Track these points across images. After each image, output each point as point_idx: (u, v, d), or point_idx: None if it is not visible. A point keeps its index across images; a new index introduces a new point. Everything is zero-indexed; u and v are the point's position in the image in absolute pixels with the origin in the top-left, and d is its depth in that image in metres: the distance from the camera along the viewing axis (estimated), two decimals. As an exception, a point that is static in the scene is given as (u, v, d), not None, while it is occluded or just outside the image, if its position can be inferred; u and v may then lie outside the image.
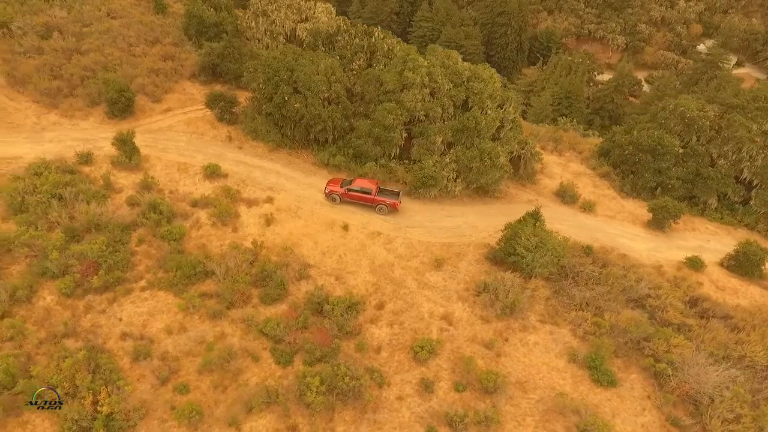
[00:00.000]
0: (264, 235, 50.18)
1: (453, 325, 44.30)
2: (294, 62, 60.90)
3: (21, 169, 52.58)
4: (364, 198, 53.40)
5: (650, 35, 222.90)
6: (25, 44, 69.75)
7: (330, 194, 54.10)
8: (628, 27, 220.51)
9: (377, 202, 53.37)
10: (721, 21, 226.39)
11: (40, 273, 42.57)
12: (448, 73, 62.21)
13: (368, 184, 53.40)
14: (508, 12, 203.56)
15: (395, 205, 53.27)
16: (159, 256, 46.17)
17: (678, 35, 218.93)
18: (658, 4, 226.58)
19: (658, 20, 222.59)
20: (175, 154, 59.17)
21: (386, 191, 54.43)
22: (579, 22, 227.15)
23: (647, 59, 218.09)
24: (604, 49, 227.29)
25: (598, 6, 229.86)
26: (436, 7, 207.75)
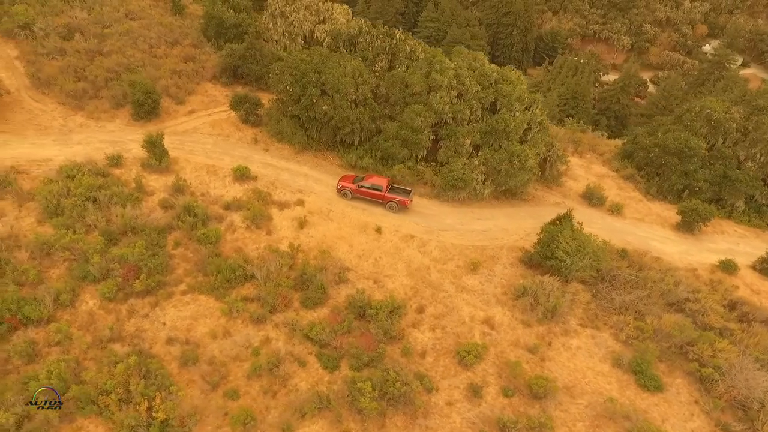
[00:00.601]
0: (298, 238, 49.86)
1: (495, 329, 44.05)
2: (321, 64, 60.64)
3: (52, 172, 52.27)
4: (374, 195, 53.98)
5: (655, 36, 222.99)
6: (48, 46, 69.44)
7: (342, 190, 54.68)
8: (634, 27, 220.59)
9: (387, 199, 53.83)
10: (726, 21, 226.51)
11: (82, 277, 42.36)
12: (476, 75, 61.85)
13: (379, 181, 53.86)
14: (513, 12, 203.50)
15: (405, 202, 53.52)
16: (196, 259, 45.78)
17: (683, 36, 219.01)
18: (663, 4, 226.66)
19: (663, 21, 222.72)
20: (203, 157, 58.85)
21: (397, 189, 54.90)
22: (584, 22, 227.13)
23: (652, 60, 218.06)
24: (609, 49, 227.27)
25: (603, 6, 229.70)
26: (442, 8, 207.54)
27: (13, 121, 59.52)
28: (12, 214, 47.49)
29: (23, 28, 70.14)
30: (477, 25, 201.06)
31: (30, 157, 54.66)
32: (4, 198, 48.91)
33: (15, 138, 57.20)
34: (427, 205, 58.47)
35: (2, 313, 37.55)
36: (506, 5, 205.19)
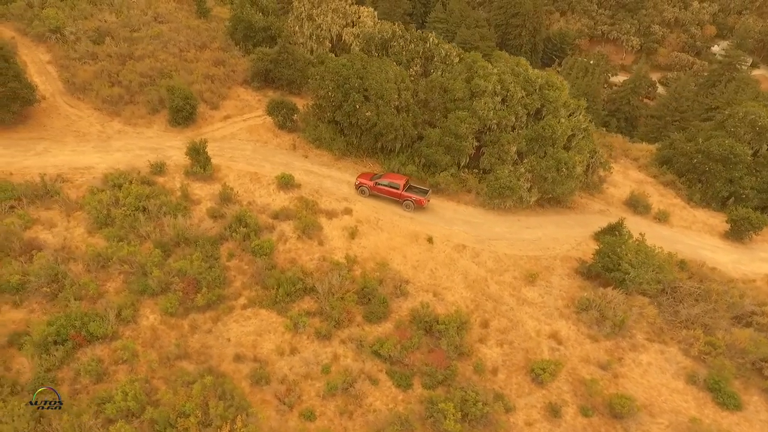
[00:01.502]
0: (350, 248, 48.81)
1: (563, 345, 43.10)
2: (363, 70, 59.47)
3: (97, 181, 51.41)
4: (391, 192, 54.19)
5: (664, 36, 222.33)
6: (80, 50, 68.52)
7: (359, 186, 54.92)
8: (642, 28, 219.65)
9: (404, 198, 53.94)
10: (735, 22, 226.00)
11: (140, 291, 41.21)
12: (520, 80, 60.63)
13: (397, 180, 54.06)
14: (522, 13, 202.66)
15: (421, 202, 53.57)
16: (252, 271, 44.77)
17: (692, 36, 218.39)
18: (671, 5, 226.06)
19: (672, 21, 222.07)
20: (244, 163, 57.83)
21: (415, 188, 55.00)
22: (592, 23, 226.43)
23: (660, 60, 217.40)
24: (618, 50, 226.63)
25: (611, 7, 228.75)
26: (450, 9, 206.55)
27: (51, 127, 58.40)
28: (62, 225, 46.34)
29: (54, 32, 68.87)
30: (486, 26, 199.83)
31: (72, 165, 53.55)
32: (52, 208, 47.71)
33: (55, 145, 56.06)
34: (473, 213, 57.47)
35: (67, 330, 36.04)
36: (515, 6, 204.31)
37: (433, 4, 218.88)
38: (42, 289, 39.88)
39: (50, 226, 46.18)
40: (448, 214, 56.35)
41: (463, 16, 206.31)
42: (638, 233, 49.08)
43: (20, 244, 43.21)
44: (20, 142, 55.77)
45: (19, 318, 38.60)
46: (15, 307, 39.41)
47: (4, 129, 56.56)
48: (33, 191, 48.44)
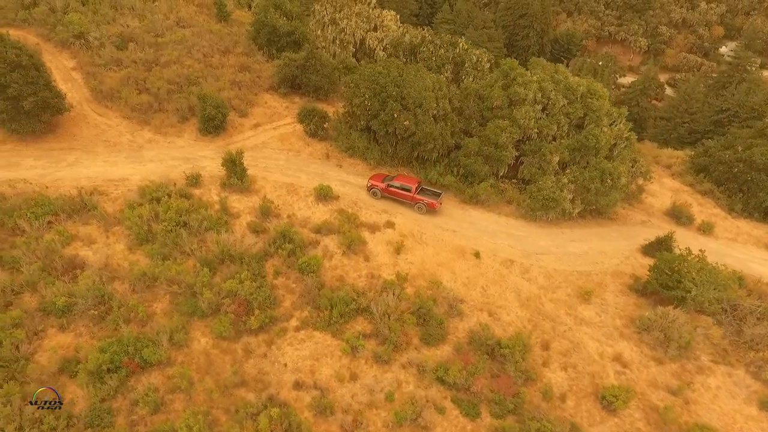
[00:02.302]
0: (397, 264, 47.09)
1: (628, 368, 41.56)
2: (399, 77, 57.57)
3: (132, 193, 49.79)
4: (403, 195, 53.23)
5: (671, 37, 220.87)
6: (104, 56, 66.23)
7: (371, 188, 53.84)
8: (649, 29, 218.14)
9: (416, 201, 52.98)
10: (743, 23, 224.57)
11: (190, 312, 39.23)
12: (561, 88, 58.82)
13: (409, 182, 53.12)
14: (530, 14, 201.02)
15: (433, 205, 52.55)
16: (301, 290, 43.06)
17: (700, 37, 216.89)
18: (678, 5, 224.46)
19: (679, 22, 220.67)
20: (279, 174, 56.04)
21: (427, 191, 53.91)
22: (599, 23, 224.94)
23: (668, 61, 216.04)
24: (625, 51, 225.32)
25: (619, 8, 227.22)
26: (458, 9, 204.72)
27: (81, 137, 56.61)
28: (101, 241, 44.63)
29: (78, 38, 66.61)
30: (493, 27, 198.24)
31: (106, 177, 51.91)
32: (90, 223, 46.07)
33: (86, 156, 54.35)
34: (515, 225, 55.84)
35: (120, 357, 34.20)
36: (523, 7, 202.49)
37: (440, 5, 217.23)
38: (89, 312, 37.72)
39: (90, 243, 44.36)
40: (491, 227, 54.57)
41: (471, 17, 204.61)
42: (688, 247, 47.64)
43: (62, 262, 41.10)
44: (51, 152, 53.92)
45: (67, 342, 36.93)
46: (62, 330, 37.72)
47: (35, 139, 54.81)
48: (70, 206, 46.37)
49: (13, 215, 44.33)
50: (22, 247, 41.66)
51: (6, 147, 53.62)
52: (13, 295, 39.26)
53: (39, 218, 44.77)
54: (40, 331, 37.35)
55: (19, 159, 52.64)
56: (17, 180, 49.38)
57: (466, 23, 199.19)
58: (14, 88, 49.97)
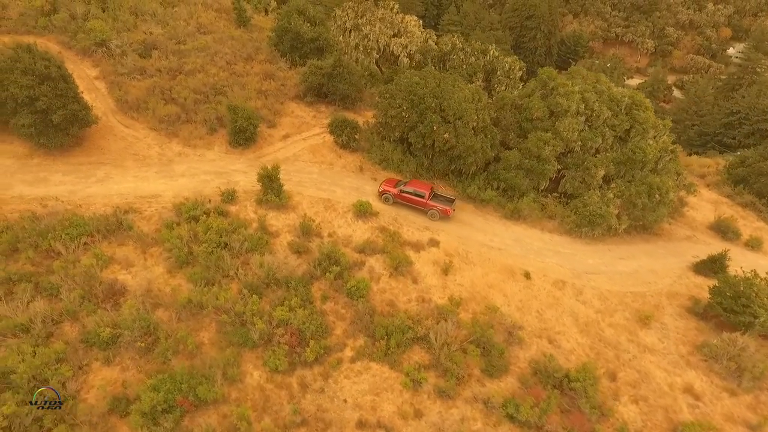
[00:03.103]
0: (446, 286, 44.85)
1: (701, 401, 39.20)
2: (437, 88, 55.28)
3: (167, 211, 47.65)
4: (416, 201, 51.96)
5: (678, 39, 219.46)
6: (128, 64, 63.65)
7: (383, 194, 52.61)
8: (656, 30, 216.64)
9: (429, 207, 51.78)
10: (750, 24, 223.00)
11: (240, 343, 36.73)
12: (604, 99, 56.57)
13: (422, 188, 51.74)
14: (537, 15, 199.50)
15: (447, 211, 51.25)
16: (352, 316, 40.80)
17: (707, 39, 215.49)
18: (685, 7, 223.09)
19: (686, 23, 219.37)
20: (314, 189, 53.77)
21: (440, 197, 52.66)
22: (606, 25, 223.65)
23: (675, 63, 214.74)
24: (632, 52, 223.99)
25: (626, 9, 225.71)
26: (465, 11, 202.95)
27: (109, 150, 54.16)
28: (139, 263, 42.24)
29: (99, 46, 64.05)
30: (500, 29, 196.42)
31: (138, 193, 49.57)
32: (126, 243, 43.60)
33: (116, 170, 52.03)
34: (560, 242, 53.74)
35: (173, 395, 31.78)
36: (529, 8, 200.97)
37: (446, 7, 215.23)
38: (136, 344, 35.20)
39: (128, 266, 42.03)
40: (536, 244, 52.41)
41: (478, 19, 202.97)
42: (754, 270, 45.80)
43: (102, 288, 38.69)
44: (80, 167, 51.57)
45: (114, 377, 34.67)
46: (107, 363, 35.44)
47: (62, 153, 52.54)
48: (105, 225, 43.95)
49: (48, 237, 41.51)
50: (59, 272, 39.25)
51: (33, 161, 51.26)
52: (53, 325, 36.39)
53: (74, 240, 42.35)
54: (85, 366, 35.12)
55: (47, 174, 50.24)
56: (48, 197, 46.99)
57: (473, 25, 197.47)
58: (43, 101, 47.66)
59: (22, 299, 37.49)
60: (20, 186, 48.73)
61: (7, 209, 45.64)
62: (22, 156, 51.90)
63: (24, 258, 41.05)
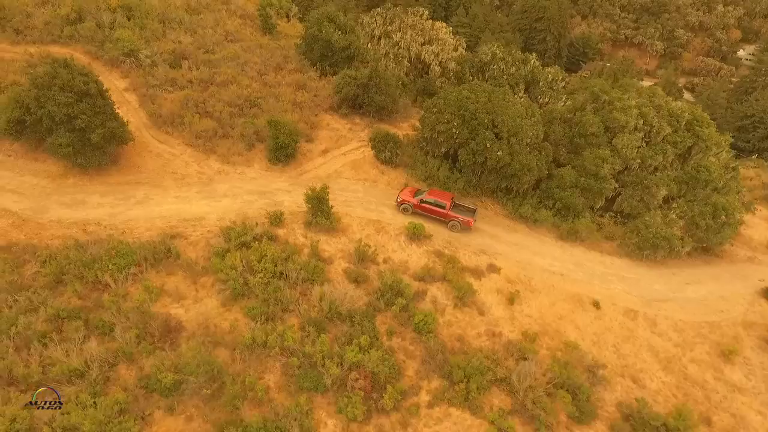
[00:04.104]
0: (514, 318, 42.02)
1: (802, 447, 35.96)
2: (489, 102, 52.21)
3: (213, 235, 44.79)
4: (437, 212, 49.95)
5: (688, 41, 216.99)
6: (158, 75, 60.38)
7: (402, 204, 50.66)
8: (666, 32, 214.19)
9: (450, 218, 49.84)
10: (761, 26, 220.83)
11: (310, 388, 33.65)
12: (664, 114, 53.62)
13: (443, 198, 49.83)
14: (547, 18, 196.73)
15: (469, 223, 49.48)
16: (422, 354, 38.14)
17: (717, 41, 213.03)
18: (695, 8, 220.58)
19: (696, 25, 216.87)
20: (361, 209, 50.98)
21: (461, 207, 50.76)
22: (615, 27, 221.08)
23: (685, 65, 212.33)
24: (641, 54, 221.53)
25: (635, 11, 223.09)
26: (473, 13, 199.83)
27: (145, 168, 51.13)
28: (191, 295, 39.32)
29: (128, 56, 60.70)
30: (509, 31, 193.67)
31: (181, 215, 46.60)
32: (174, 273, 40.59)
33: (155, 190, 49.05)
34: (621, 266, 51.06)
35: None
36: (539, 10, 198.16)
37: (454, 9, 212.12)
38: (202, 391, 32.06)
39: (179, 298, 39.11)
40: (597, 268, 49.62)
41: (487, 21, 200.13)
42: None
43: (157, 325, 35.46)
44: (117, 187, 48.58)
45: (179, 429, 31.33)
46: (170, 412, 32.61)
47: (98, 172, 49.52)
48: (153, 254, 40.62)
49: (94, 267, 38.33)
50: (111, 308, 35.93)
51: (69, 182, 48.25)
52: (109, 368, 33.22)
53: (122, 270, 38.98)
54: (147, 416, 31.58)
55: (84, 196, 47.35)
56: (88, 222, 44.18)
57: (482, 27, 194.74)
58: (82, 120, 44.45)
59: (75, 339, 34.00)
60: (57, 209, 45.51)
61: (46, 235, 42.48)
62: (57, 176, 48.81)
63: (70, 291, 38.10)
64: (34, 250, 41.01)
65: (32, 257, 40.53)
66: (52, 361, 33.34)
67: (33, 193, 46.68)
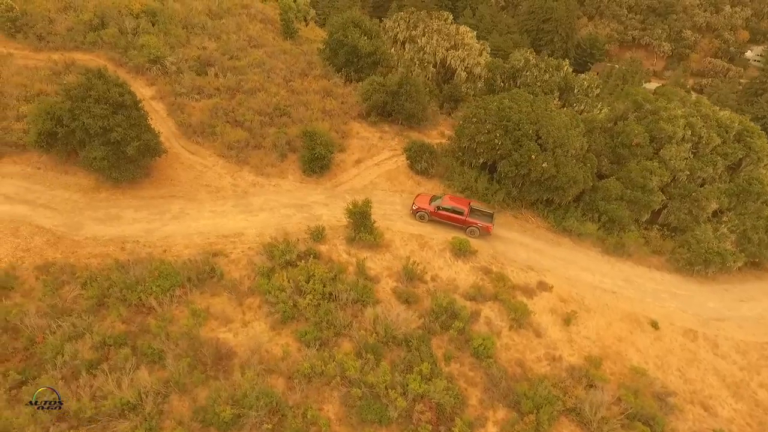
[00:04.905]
0: (572, 340, 40.22)
1: None
2: (531, 111, 50.26)
3: (254, 252, 42.76)
4: (455, 218, 48.44)
5: (696, 42, 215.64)
6: (185, 83, 58.16)
7: (418, 211, 49.10)
8: (673, 33, 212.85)
9: (469, 224, 48.42)
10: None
11: (375, 421, 31.59)
12: (712, 124, 51.70)
13: (460, 204, 48.50)
14: (555, 19, 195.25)
15: (489, 228, 48.20)
16: (483, 381, 36.40)
17: (725, 42, 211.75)
18: (702, 9, 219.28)
19: (703, 26, 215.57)
20: (401, 223, 49.14)
21: (478, 212, 49.38)
22: (622, 28, 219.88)
23: (693, 66, 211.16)
24: (648, 55, 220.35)
25: (642, 11, 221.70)
26: (480, 14, 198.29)
27: (178, 180, 49.08)
28: (237, 318, 37.34)
29: (154, 63, 58.51)
30: (517, 32, 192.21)
31: (218, 231, 44.53)
32: (219, 294, 38.63)
33: (191, 204, 47.07)
34: (671, 281, 49.45)
35: None
36: (546, 11, 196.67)
37: (461, 10, 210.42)
38: (263, 426, 30.01)
39: (226, 322, 37.07)
40: (648, 285, 47.78)
41: (494, 22, 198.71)
42: None
43: (209, 352, 33.35)
44: (152, 201, 46.48)
45: (241, 467, 29.02)
46: (229, 449, 29.65)
47: (130, 185, 47.33)
48: (197, 274, 38.50)
49: (137, 289, 36.10)
50: (159, 334, 33.76)
51: (101, 196, 46.16)
52: (162, 399, 31.13)
53: (166, 292, 36.83)
54: None
55: (118, 210, 45.26)
56: (125, 239, 41.95)
57: (489, 28, 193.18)
58: (118, 132, 42.11)
59: (124, 368, 31.88)
60: (92, 225, 43.44)
61: (83, 254, 40.37)
62: (88, 189, 46.75)
63: (114, 315, 35.94)
64: (72, 270, 38.80)
65: (71, 278, 38.30)
66: (104, 394, 31.01)
67: (65, 208, 44.47)
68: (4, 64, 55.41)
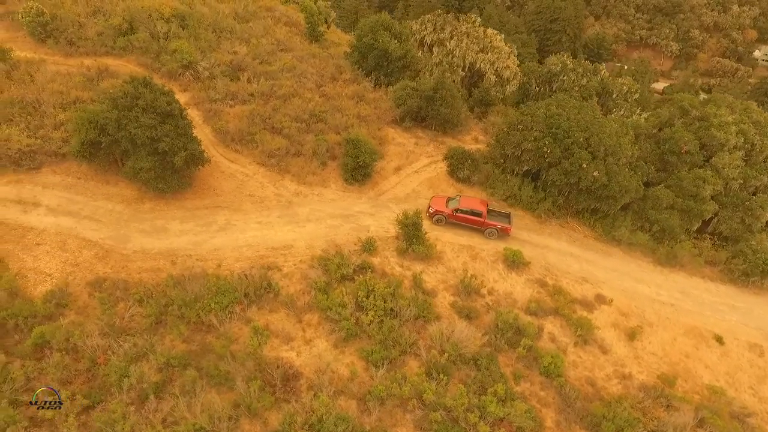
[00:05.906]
0: (639, 356, 39.11)
1: None
2: (580, 117, 48.86)
3: (306, 266, 41.35)
4: (473, 221, 47.42)
5: (703, 41, 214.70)
6: (219, 89, 56.57)
7: (435, 215, 48.05)
8: (681, 33, 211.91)
9: (487, 226, 47.43)
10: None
11: None
12: (766, 131, 50.40)
13: (478, 205, 47.54)
14: (563, 18, 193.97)
15: (508, 230, 47.39)
16: (556, 402, 35.26)
17: (733, 41, 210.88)
18: (709, 9, 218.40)
19: (711, 26, 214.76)
20: (449, 233, 48.31)
21: (495, 213, 48.34)
22: (629, 27, 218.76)
23: (700, 66, 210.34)
24: (656, 55, 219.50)
25: (649, 11, 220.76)
26: (488, 14, 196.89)
27: (221, 190, 47.65)
28: (299, 336, 36.05)
29: (186, 68, 56.88)
30: (524, 32, 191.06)
31: (267, 243, 43.17)
32: (277, 310, 37.25)
33: (236, 215, 45.70)
34: (728, 293, 48.72)
35: None
36: (554, 11, 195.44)
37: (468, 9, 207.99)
38: None
39: (287, 340, 35.79)
40: (705, 297, 46.50)
41: (502, 22, 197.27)
42: None
43: (277, 373, 31.91)
44: (197, 212, 44.98)
45: (323, 497, 27.57)
46: (308, 480, 28.23)
47: (174, 196, 45.81)
48: (254, 289, 37.04)
49: (195, 307, 34.62)
50: (223, 354, 32.33)
51: (145, 207, 44.64)
52: (231, 423, 29.68)
53: (224, 309, 35.32)
54: None
55: (164, 222, 43.80)
56: (174, 252, 40.37)
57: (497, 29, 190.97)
58: (166, 142, 40.47)
59: (193, 391, 30.38)
60: (139, 237, 41.93)
61: (134, 268, 38.88)
62: (132, 200, 45.19)
63: (174, 334, 34.33)
64: (125, 286, 37.37)
65: (124, 294, 36.91)
66: (175, 419, 29.47)
67: (110, 220, 42.98)
68: (38, 70, 53.81)
